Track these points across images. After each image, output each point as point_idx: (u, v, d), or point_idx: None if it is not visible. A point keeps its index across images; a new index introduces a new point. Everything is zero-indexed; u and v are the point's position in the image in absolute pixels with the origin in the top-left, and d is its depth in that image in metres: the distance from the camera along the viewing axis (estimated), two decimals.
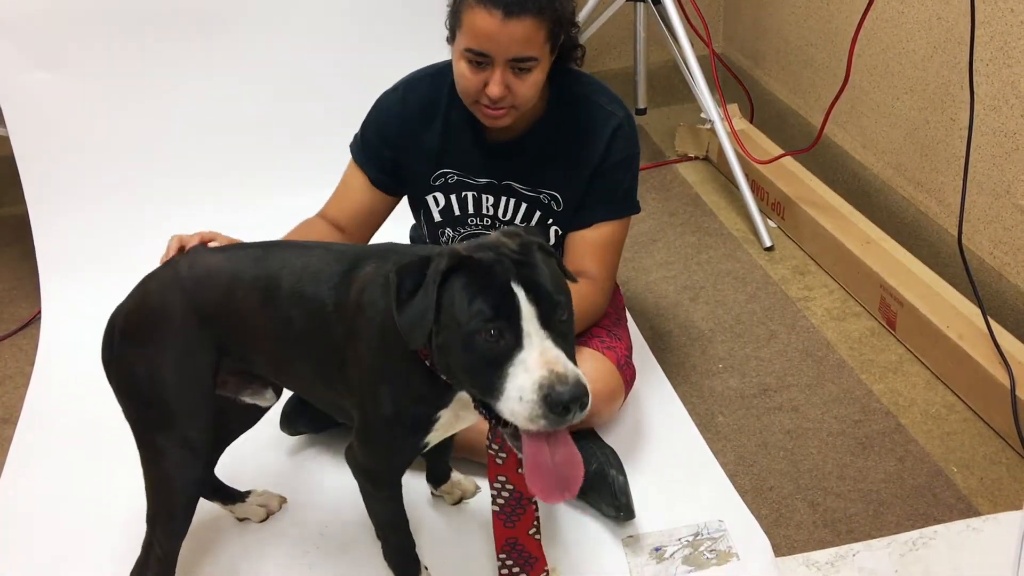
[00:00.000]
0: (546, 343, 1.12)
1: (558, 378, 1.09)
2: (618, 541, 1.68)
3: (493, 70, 1.60)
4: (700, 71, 2.76)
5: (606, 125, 1.77)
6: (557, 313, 1.15)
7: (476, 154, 1.80)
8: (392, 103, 1.83)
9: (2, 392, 2.23)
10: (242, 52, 2.56)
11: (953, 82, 2.23)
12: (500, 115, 1.65)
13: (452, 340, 1.16)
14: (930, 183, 2.38)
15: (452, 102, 1.78)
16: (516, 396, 1.11)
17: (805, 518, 1.73)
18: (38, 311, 2.45)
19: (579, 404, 1.10)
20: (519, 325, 1.12)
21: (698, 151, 3.06)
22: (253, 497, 1.79)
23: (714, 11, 3.41)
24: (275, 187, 2.59)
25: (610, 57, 3.35)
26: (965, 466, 1.82)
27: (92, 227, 2.54)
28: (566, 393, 1.08)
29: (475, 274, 1.15)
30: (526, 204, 1.83)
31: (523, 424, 1.12)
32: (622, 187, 1.82)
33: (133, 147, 2.56)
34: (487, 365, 1.13)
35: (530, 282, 1.14)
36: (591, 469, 1.71)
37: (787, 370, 2.11)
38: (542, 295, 1.13)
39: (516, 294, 1.12)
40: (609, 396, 1.81)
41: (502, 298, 1.12)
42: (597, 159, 1.78)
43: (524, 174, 1.81)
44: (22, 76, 2.45)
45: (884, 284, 2.20)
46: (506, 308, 1.12)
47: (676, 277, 2.47)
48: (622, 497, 1.68)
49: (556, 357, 1.11)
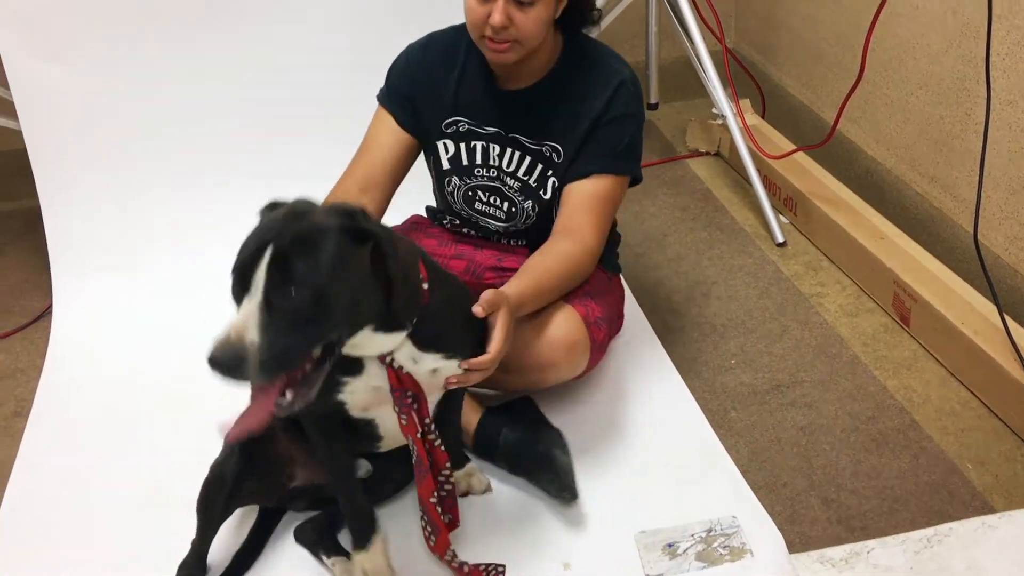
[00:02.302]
0: (253, 311, 1.19)
1: (224, 342, 1.18)
2: (630, 537, 1.67)
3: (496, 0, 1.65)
4: (712, 66, 2.74)
5: (610, 81, 1.81)
6: (290, 289, 1.20)
7: (487, 103, 1.84)
8: (415, 49, 1.91)
9: (14, 385, 2.23)
10: (256, 45, 2.56)
11: (969, 76, 2.21)
12: (503, 49, 1.69)
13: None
14: (945, 178, 2.37)
15: (470, 52, 1.84)
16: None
17: (819, 515, 1.72)
18: (49, 304, 2.45)
19: (224, 368, 1.18)
20: (249, 283, 1.21)
21: (710, 147, 3.05)
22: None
23: (726, 6, 3.39)
24: (288, 180, 2.58)
25: (622, 51, 3.25)
26: (980, 463, 1.81)
27: (103, 220, 2.54)
28: (217, 355, 1.18)
29: (255, 228, 1.26)
30: (530, 157, 1.86)
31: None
32: (621, 143, 1.83)
33: (145, 141, 2.56)
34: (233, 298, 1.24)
35: (281, 256, 1.20)
36: (538, 450, 1.74)
37: (800, 366, 2.09)
38: (285, 268, 1.20)
39: (263, 257, 1.20)
40: (571, 346, 1.79)
41: (252, 256, 1.21)
42: (598, 111, 1.80)
43: (531, 126, 1.84)
44: (34, 69, 2.45)
45: (898, 280, 2.18)
46: (250, 266, 1.21)
47: (687, 272, 2.46)
48: (565, 477, 1.70)
49: (243, 325, 1.19)
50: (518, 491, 1.79)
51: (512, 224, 1.95)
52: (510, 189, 1.90)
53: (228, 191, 2.60)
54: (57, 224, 2.52)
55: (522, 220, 1.93)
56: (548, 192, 1.88)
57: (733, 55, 3.10)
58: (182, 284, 2.46)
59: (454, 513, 1.61)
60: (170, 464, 1.90)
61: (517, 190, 1.89)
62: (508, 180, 1.89)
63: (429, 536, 1.54)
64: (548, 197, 1.88)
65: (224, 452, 1.63)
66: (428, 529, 1.54)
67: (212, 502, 1.60)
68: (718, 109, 2.77)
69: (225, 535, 1.69)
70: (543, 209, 1.90)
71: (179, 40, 2.51)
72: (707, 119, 2.98)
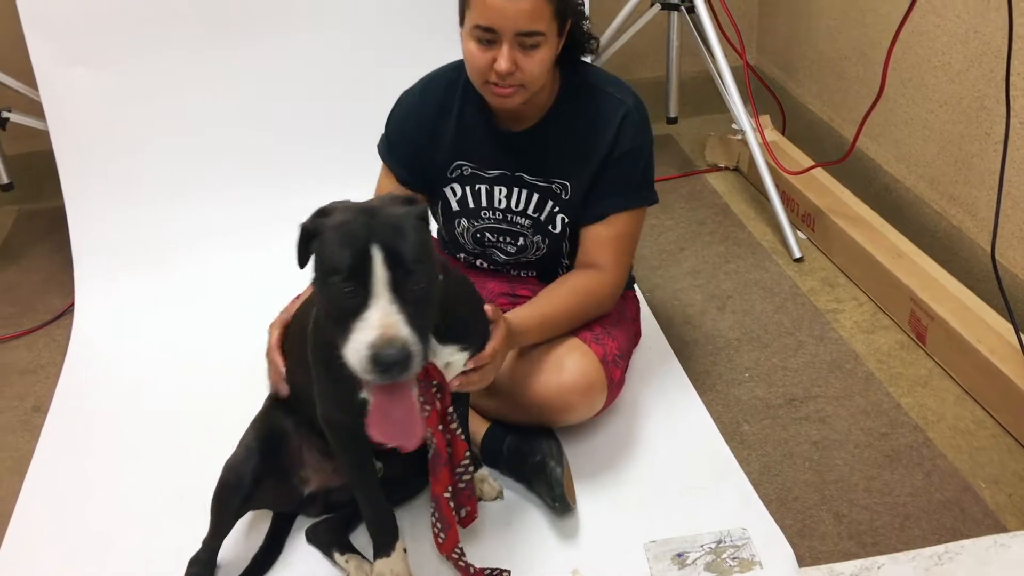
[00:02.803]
0: (390, 307, 1.21)
1: (388, 341, 1.19)
2: (640, 546, 1.68)
3: (501, 46, 1.62)
4: (732, 81, 2.76)
5: (614, 113, 1.78)
6: (410, 280, 1.23)
7: (489, 146, 1.83)
8: (411, 99, 1.88)
9: (34, 381, 2.26)
10: (279, 51, 2.59)
11: (989, 96, 2.21)
12: (509, 93, 1.67)
13: (319, 289, 1.29)
14: (964, 197, 2.36)
15: (467, 96, 1.82)
16: (354, 348, 1.21)
17: (830, 529, 1.72)
18: (71, 303, 2.49)
19: (399, 368, 1.20)
20: (369, 285, 1.21)
21: (729, 161, 3.06)
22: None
23: (748, 22, 3.41)
24: (309, 183, 2.61)
25: (643, 66, 3.36)
26: (994, 482, 1.80)
27: (126, 222, 2.57)
28: (391, 356, 1.19)
29: (340, 232, 1.25)
30: (537, 194, 1.84)
31: (359, 373, 1.23)
32: (634, 177, 1.82)
33: (168, 145, 2.60)
34: (340, 315, 1.24)
35: (390, 247, 1.22)
36: (535, 460, 1.76)
37: (814, 381, 2.09)
38: (398, 260, 1.22)
39: (372, 256, 1.21)
40: (586, 389, 1.79)
41: (359, 258, 1.21)
42: (606, 148, 1.78)
43: (535, 165, 1.82)
44: (62, 71, 2.49)
45: (915, 297, 2.18)
46: (361, 267, 1.21)
47: (703, 286, 2.47)
48: (557, 488, 1.71)
49: (394, 321, 1.20)
50: (529, 498, 1.80)
51: (522, 256, 1.94)
52: (520, 227, 1.89)
53: (248, 196, 2.63)
54: (81, 224, 2.56)
55: (532, 252, 1.92)
56: (558, 227, 1.87)
57: (754, 71, 3.11)
58: (202, 286, 2.49)
59: (472, 505, 1.61)
60: (184, 464, 1.93)
61: (527, 227, 1.88)
62: (518, 219, 1.88)
63: (438, 533, 1.55)
64: (558, 231, 1.87)
65: (241, 452, 1.65)
66: (438, 526, 1.55)
67: (228, 502, 1.61)
68: (737, 124, 2.78)
69: (237, 537, 1.71)
70: (553, 242, 1.90)
71: (204, 47, 2.55)
72: (726, 134, 2.99)
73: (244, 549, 1.71)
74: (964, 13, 2.26)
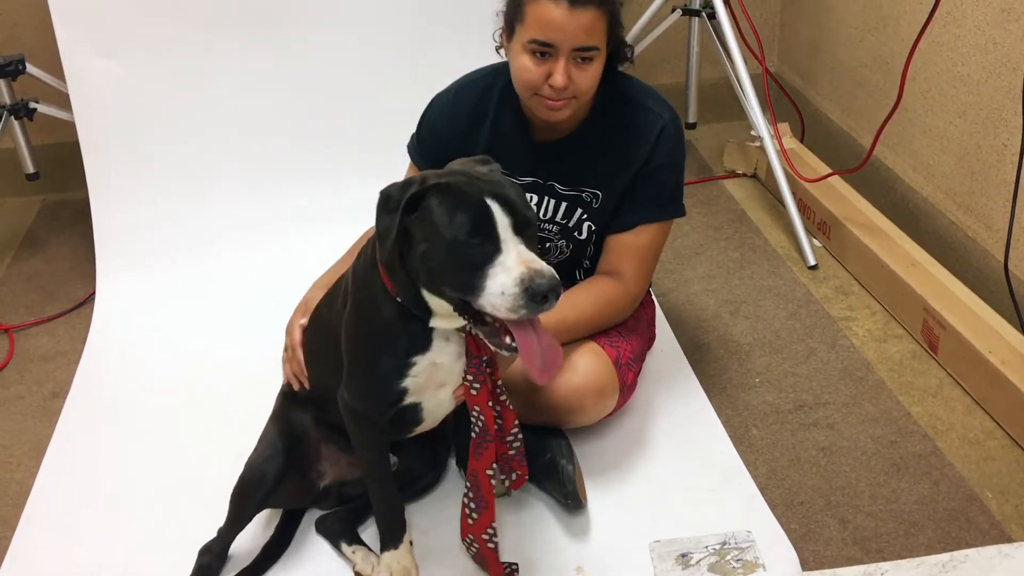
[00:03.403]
0: (520, 247, 1.29)
1: (536, 273, 1.26)
2: (644, 545, 1.69)
3: (557, 60, 1.64)
4: (752, 88, 2.76)
5: (652, 127, 1.79)
6: (527, 224, 1.31)
7: (523, 154, 1.83)
8: (444, 104, 1.88)
9: (54, 367, 2.30)
10: (302, 47, 2.63)
11: (1007, 107, 2.21)
12: (560, 106, 1.68)
13: (435, 251, 1.31)
14: (979, 208, 2.36)
15: (502, 103, 1.82)
16: (498, 291, 1.27)
17: (835, 535, 1.73)
18: (92, 292, 2.53)
19: (555, 294, 1.27)
20: (496, 233, 1.28)
21: (746, 168, 3.06)
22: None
23: (770, 29, 3.41)
24: (331, 177, 2.65)
25: (663, 71, 3.37)
26: (1001, 492, 1.80)
27: (149, 213, 2.62)
28: (544, 284, 1.25)
29: (451, 194, 1.31)
30: (566, 202, 1.86)
31: (504, 315, 1.28)
32: (666, 190, 1.83)
33: (193, 137, 2.64)
34: (470, 268, 1.28)
35: (501, 197, 1.30)
36: (545, 458, 1.77)
37: (824, 388, 2.10)
38: (514, 208, 1.30)
39: (490, 207, 1.28)
40: (599, 391, 1.80)
41: (480, 211, 1.28)
42: (641, 160, 1.80)
43: (569, 174, 1.83)
44: (90, 63, 2.54)
45: (928, 307, 2.18)
46: (484, 219, 1.28)
47: (717, 291, 2.48)
48: (569, 485, 1.72)
49: (531, 257, 1.28)
50: (536, 495, 1.82)
51: (544, 259, 1.95)
52: (547, 232, 1.90)
53: (270, 191, 2.67)
54: (104, 216, 2.60)
55: (554, 255, 1.94)
56: (584, 234, 1.88)
57: (774, 78, 3.12)
58: (220, 280, 2.53)
59: (523, 469, 1.64)
60: (198, 454, 1.96)
61: (555, 233, 1.90)
62: (546, 225, 1.89)
63: (471, 514, 1.55)
64: (583, 238, 1.89)
65: (264, 450, 1.66)
66: (472, 506, 1.55)
67: (249, 499, 1.63)
68: (756, 131, 2.78)
69: (248, 528, 1.73)
70: (577, 247, 1.91)
71: (230, 43, 2.59)
72: (745, 140, 3.00)
73: (252, 539, 1.73)
74: (984, 24, 2.26)
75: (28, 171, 2.77)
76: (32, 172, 2.77)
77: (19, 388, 2.23)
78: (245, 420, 1.81)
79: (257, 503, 1.64)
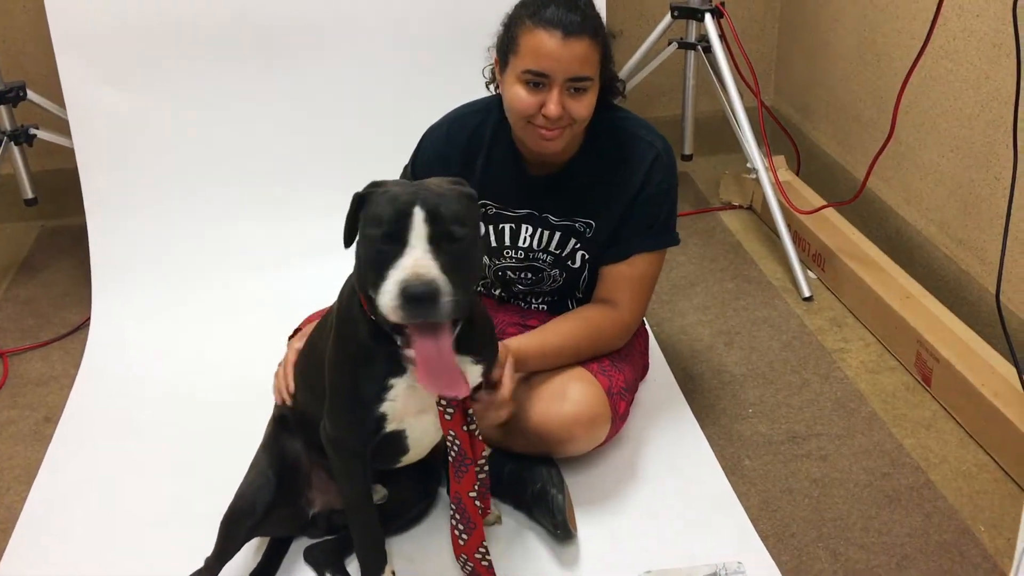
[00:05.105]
0: (423, 254, 1.28)
1: (416, 277, 1.25)
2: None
3: (550, 91, 1.65)
4: (747, 121, 2.78)
5: (645, 155, 1.80)
6: (449, 238, 1.30)
7: (516, 188, 1.85)
8: (437, 138, 1.89)
9: (47, 392, 2.30)
10: (302, 76, 2.65)
11: (999, 141, 2.23)
12: (554, 135, 1.69)
13: (360, 246, 1.37)
14: (972, 241, 2.37)
15: (495, 138, 1.84)
16: (386, 291, 1.28)
17: (826, 566, 1.71)
18: (87, 318, 2.53)
19: (429, 302, 1.25)
20: (407, 237, 1.28)
21: (742, 200, 3.08)
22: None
23: (767, 64, 3.45)
24: (328, 204, 2.63)
25: (659, 104, 3.40)
26: (993, 526, 1.80)
27: (146, 242, 2.62)
28: (419, 288, 1.25)
29: (387, 196, 1.33)
30: (560, 233, 1.86)
31: (388, 314, 1.29)
32: (659, 218, 1.84)
33: (192, 165, 2.65)
34: (377, 265, 1.30)
35: (431, 208, 1.30)
36: (535, 487, 1.77)
37: (817, 419, 2.09)
38: (438, 219, 1.29)
39: (413, 213, 1.29)
40: (590, 420, 1.80)
41: (401, 215, 1.29)
42: (635, 189, 1.81)
43: (563, 205, 1.84)
44: (90, 90, 2.55)
45: (921, 340, 2.18)
46: (400, 222, 1.29)
47: (712, 322, 2.48)
48: (559, 514, 1.71)
49: (425, 264, 1.27)
50: (526, 523, 1.81)
51: (536, 287, 1.97)
52: (542, 263, 1.91)
53: (267, 218, 2.68)
54: (101, 241, 2.61)
55: (548, 284, 1.95)
56: (577, 263, 1.89)
57: (769, 111, 3.14)
58: (216, 307, 2.53)
59: (486, 503, 1.63)
60: (190, 480, 1.95)
61: (549, 263, 1.91)
62: (540, 255, 1.90)
63: (460, 535, 1.55)
64: (577, 267, 1.90)
65: (255, 479, 1.65)
66: (460, 528, 1.55)
67: (238, 528, 1.61)
68: (751, 163, 2.80)
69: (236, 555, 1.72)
70: (570, 275, 1.92)
71: (229, 71, 2.61)
72: (741, 173, 3.02)
73: (239, 567, 1.72)
74: (976, 59, 2.29)
75: (27, 196, 2.78)
76: (31, 197, 2.79)
77: (11, 412, 2.23)
78: (237, 447, 1.81)
79: (246, 533, 1.63)
